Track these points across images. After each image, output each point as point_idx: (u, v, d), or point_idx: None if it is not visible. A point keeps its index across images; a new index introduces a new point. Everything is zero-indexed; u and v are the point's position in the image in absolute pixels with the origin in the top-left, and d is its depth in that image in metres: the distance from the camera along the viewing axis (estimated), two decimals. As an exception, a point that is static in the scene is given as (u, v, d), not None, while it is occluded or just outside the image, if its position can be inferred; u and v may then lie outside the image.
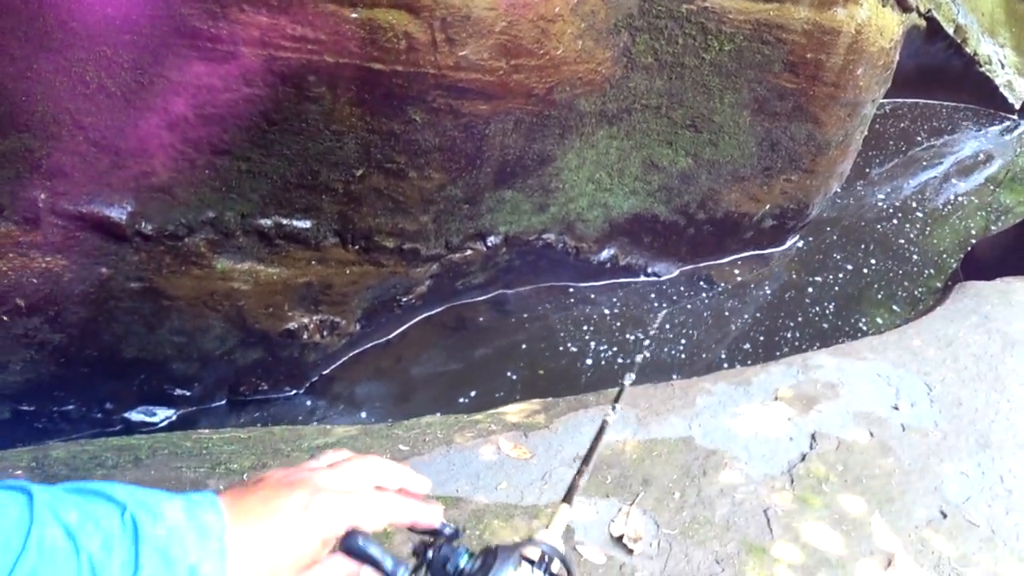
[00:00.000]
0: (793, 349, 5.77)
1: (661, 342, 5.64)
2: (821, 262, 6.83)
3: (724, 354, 5.66)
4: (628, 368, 3.60)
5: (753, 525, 3.08)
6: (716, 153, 5.49)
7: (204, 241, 4.03)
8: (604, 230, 5.56)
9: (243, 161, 3.86)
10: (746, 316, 6.04)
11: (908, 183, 8.33)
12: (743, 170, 5.67)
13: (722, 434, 3.54)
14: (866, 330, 6.14)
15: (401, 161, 4.18)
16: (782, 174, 5.85)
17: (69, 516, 0.76)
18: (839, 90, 5.46)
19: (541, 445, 3.48)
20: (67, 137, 3.47)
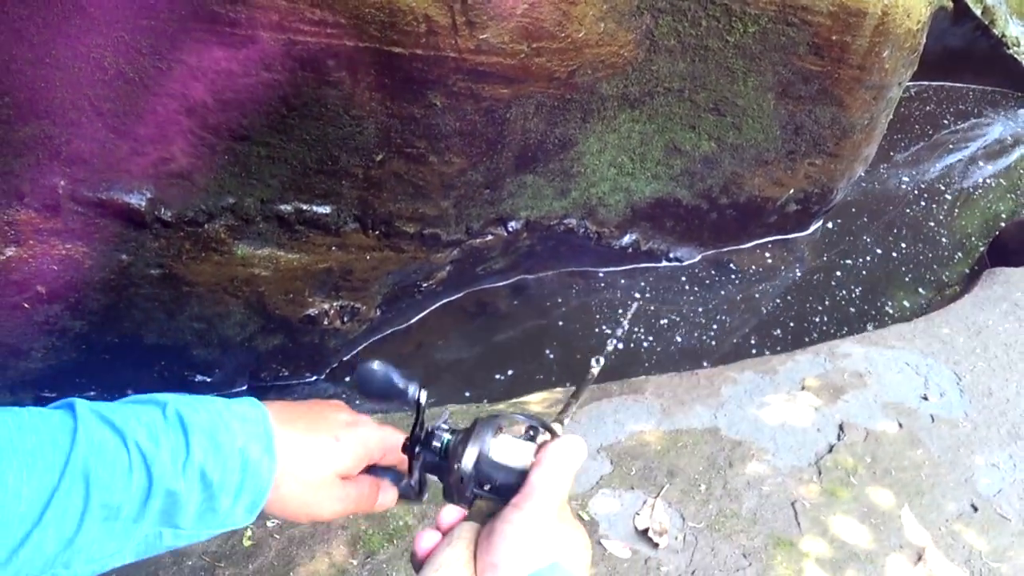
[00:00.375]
0: (819, 334, 5.65)
1: (686, 327, 5.57)
2: (845, 247, 6.69)
3: (749, 340, 5.55)
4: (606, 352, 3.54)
5: (780, 518, 3.02)
6: (739, 137, 5.38)
7: (224, 227, 3.97)
8: (626, 215, 5.47)
9: (262, 146, 3.79)
10: (770, 301, 5.94)
11: (933, 167, 8.15)
12: (767, 154, 5.56)
13: (748, 424, 3.47)
14: (892, 314, 6.03)
15: (421, 146, 4.10)
16: (806, 158, 5.73)
17: (113, 416, 0.80)
18: (865, 73, 5.34)
19: (565, 435, 3.42)
20: (86, 123, 3.42)
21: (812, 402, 3.66)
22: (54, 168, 3.45)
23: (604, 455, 3.34)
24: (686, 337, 5.49)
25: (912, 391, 3.82)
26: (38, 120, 3.33)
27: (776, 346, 5.53)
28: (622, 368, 5.14)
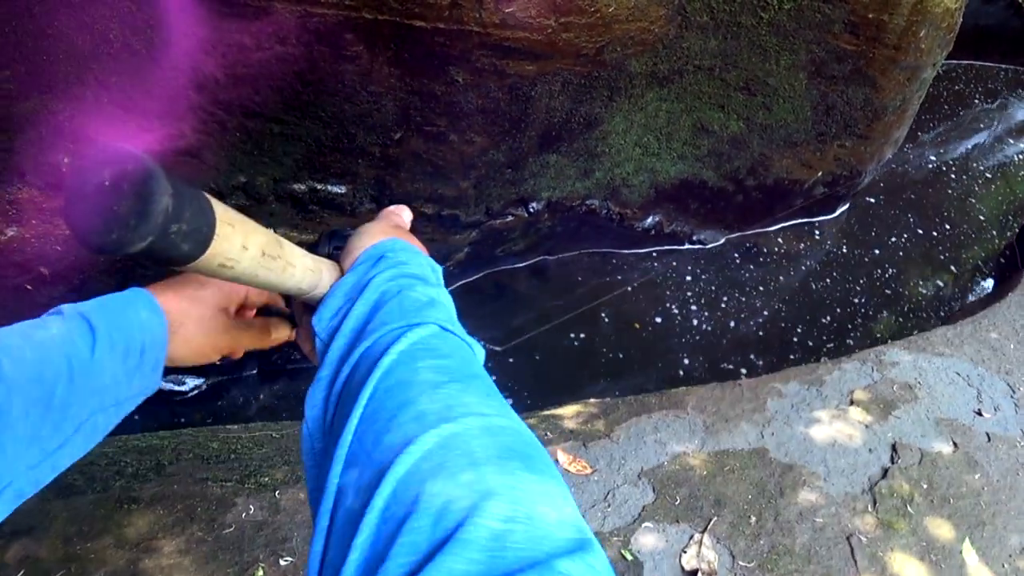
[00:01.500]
0: (846, 320, 5.47)
1: (710, 312, 5.37)
2: (871, 230, 6.36)
3: (775, 326, 5.32)
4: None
5: (836, 555, 2.76)
6: (769, 117, 5.12)
7: (235, 207, 3.72)
8: (649, 196, 5.23)
9: (276, 124, 3.58)
10: (795, 286, 5.68)
11: (961, 147, 7.77)
12: (796, 135, 5.30)
13: (797, 444, 3.21)
14: (924, 293, 5.85)
15: (442, 124, 3.87)
16: (836, 140, 5.47)
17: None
18: (900, 53, 5.06)
19: (602, 457, 3.14)
20: (91, 98, 3.19)
21: (862, 418, 3.39)
22: (57, 145, 3.25)
23: (646, 481, 3.08)
24: (710, 322, 5.25)
25: (965, 405, 3.54)
26: (40, 95, 3.11)
27: (803, 333, 5.32)
28: (649, 355, 4.96)
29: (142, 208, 0.58)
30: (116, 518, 2.66)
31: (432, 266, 0.99)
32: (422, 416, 0.63)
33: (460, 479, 0.56)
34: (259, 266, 0.77)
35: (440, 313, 0.84)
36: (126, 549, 2.54)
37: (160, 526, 2.66)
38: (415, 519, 0.53)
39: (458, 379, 0.71)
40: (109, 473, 2.91)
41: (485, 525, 0.52)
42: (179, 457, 3.09)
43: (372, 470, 0.60)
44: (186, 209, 0.63)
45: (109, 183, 0.59)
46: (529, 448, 0.64)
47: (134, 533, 2.61)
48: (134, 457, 3.07)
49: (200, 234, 0.66)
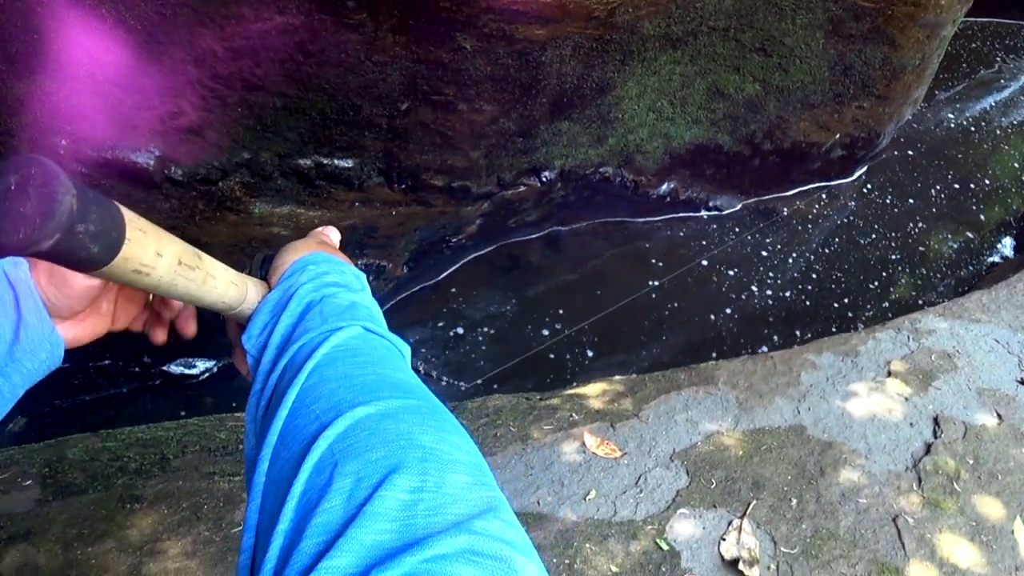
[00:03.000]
0: (868, 284, 5.31)
1: (728, 278, 5.21)
2: (891, 192, 6.12)
3: (795, 291, 5.18)
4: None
5: (883, 538, 2.58)
6: (786, 79, 4.92)
7: (239, 184, 3.62)
8: (664, 162, 5.04)
9: (278, 97, 3.41)
10: (814, 250, 5.51)
11: (980, 106, 7.50)
12: (813, 97, 5.10)
13: (835, 420, 3.02)
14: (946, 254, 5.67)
15: (450, 93, 3.70)
16: (854, 101, 5.27)
17: None
18: (920, 9, 4.83)
19: (631, 439, 2.96)
20: (86, 77, 3.06)
21: (901, 390, 3.19)
22: (54, 126, 3.10)
23: (679, 464, 2.89)
24: (729, 290, 5.11)
25: (1007, 374, 3.32)
26: (33, 75, 2.98)
27: (825, 299, 5.17)
28: (670, 325, 4.82)
29: (46, 207, 0.59)
30: (118, 519, 2.51)
31: (355, 274, 1.00)
32: (337, 404, 0.66)
33: (370, 456, 0.58)
34: (177, 275, 0.76)
35: (361, 314, 0.86)
36: (129, 553, 2.39)
37: (164, 526, 2.51)
38: (328, 499, 0.55)
39: (376, 371, 0.73)
40: (111, 470, 2.76)
41: (394, 497, 0.54)
42: (184, 450, 2.94)
43: (292, 462, 0.62)
44: (92, 210, 0.62)
45: (14, 188, 0.59)
46: (439, 421, 0.66)
47: (137, 535, 2.46)
48: (137, 451, 2.91)
49: (109, 237, 0.65)
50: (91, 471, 2.75)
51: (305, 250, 0.98)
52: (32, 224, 0.58)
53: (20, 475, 2.69)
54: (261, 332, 0.87)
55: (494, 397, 3.54)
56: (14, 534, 2.43)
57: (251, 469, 0.70)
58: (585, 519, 2.61)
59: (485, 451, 2.90)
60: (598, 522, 2.60)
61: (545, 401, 3.32)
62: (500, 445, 2.94)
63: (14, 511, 2.52)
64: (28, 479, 2.67)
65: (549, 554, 2.49)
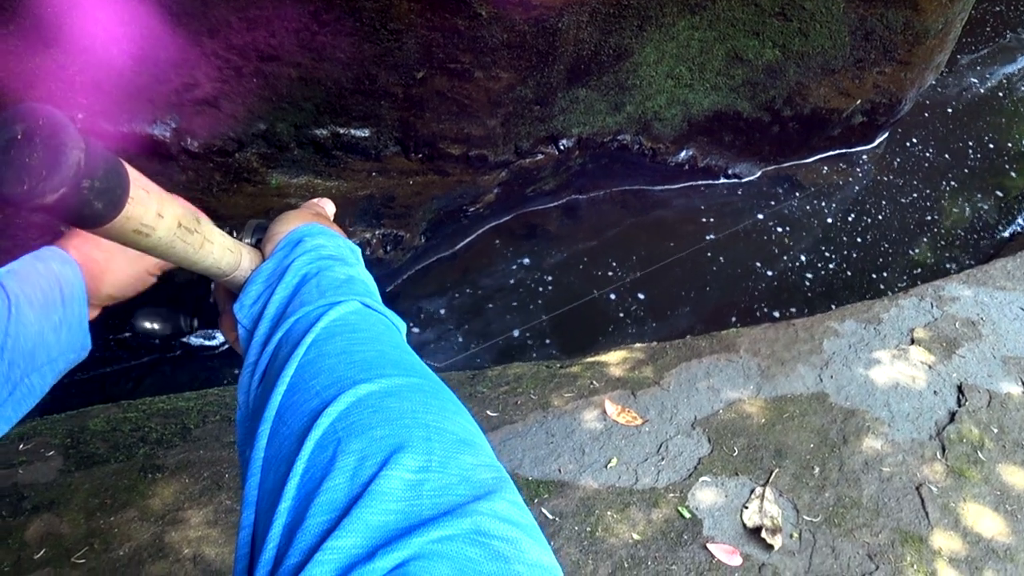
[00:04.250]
0: (888, 251, 5.23)
1: (748, 247, 5.15)
2: (912, 158, 6.02)
3: (815, 260, 5.12)
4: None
5: (906, 507, 2.55)
6: (806, 44, 4.83)
7: (256, 155, 3.59)
8: (682, 129, 4.97)
9: (294, 67, 3.37)
10: (835, 218, 5.42)
11: (1005, 70, 7.32)
12: (834, 62, 5.01)
13: (858, 387, 2.98)
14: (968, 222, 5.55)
15: (466, 61, 3.64)
16: (875, 66, 5.16)
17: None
18: (943, -30, 4.78)
19: (652, 407, 2.93)
20: (100, 50, 3.03)
21: (925, 358, 3.14)
22: (70, 100, 3.07)
23: (701, 431, 2.86)
24: (749, 256, 5.05)
25: None
26: (47, 49, 2.95)
27: (845, 267, 5.11)
28: (689, 293, 4.77)
29: (53, 159, 0.57)
30: (140, 488, 2.51)
31: (351, 247, 0.98)
32: (339, 381, 0.64)
33: (374, 434, 0.57)
34: (176, 238, 0.75)
35: (358, 288, 0.85)
36: (151, 522, 2.40)
37: (186, 495, 2.51)
38: (332, 478, 0.54)
39: (376, 348, 0.72)
40: (132, 440, 2.76)
41: (399, 476, 0.53)
42: (205, 420, 2.94)
43: (292, 438, 0.60)
44: (99, 166, 0.60)
45: (21, 136, 0.57)
46: (441, 400, 0.65)
47: (159, 504, 2.47)
48: (158, 421, 2.92)
49: (113, 194, 0.63)
50: (113, 441, 2.75)
51: (300, 221, 0.97)
52: (38, 176, 0.57)
53: (43, 446, 2.70)
54: (255, 302, 0.85)
55: (514, 365, 3.52)
56: (38, 504, 2.44)
57: (247, 443, 0.69)
58: (606, 487, 2.59)
59: (505, 418, 2.89)
60: (619, 490, 2.58)
61: (565, 369, 3.29)
62: (521, 413, 2.91)
63: (38, 481, 2.52)
64: (51, 450, 2.68)
65: (571, 521, 2.47)
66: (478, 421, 2.38)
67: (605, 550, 2.39)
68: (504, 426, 2.84)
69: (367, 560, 0.48)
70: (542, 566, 0.51)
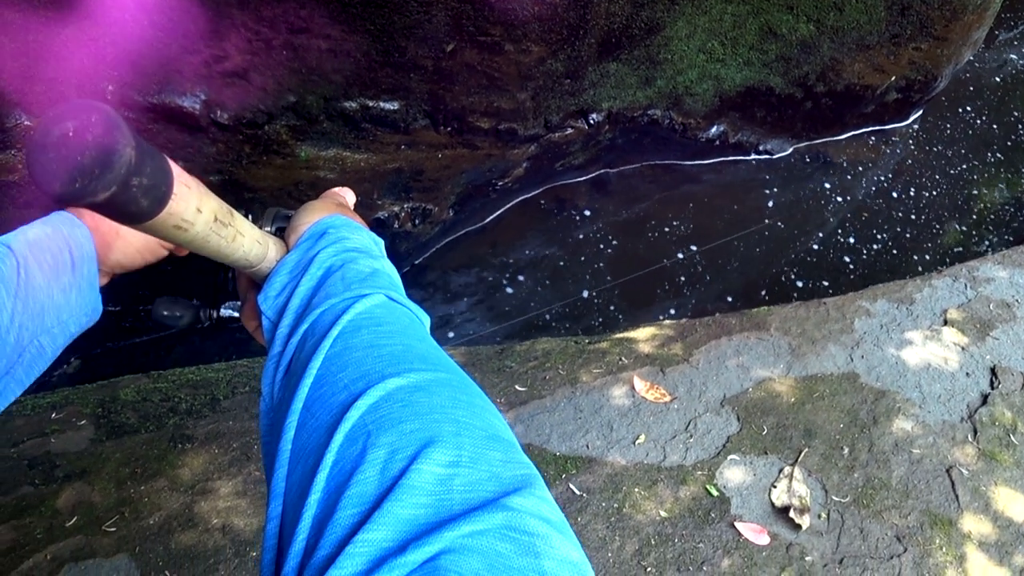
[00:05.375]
0: (921, 231, 5.14)
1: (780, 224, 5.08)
2: (947, 137, 5.89)
3: (847, 239, 5.05)
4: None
5: (936, 489, 2.51)
6: (841, 19, 4.73)
7: (285, 128, 3.57)
8: (714, 105, 4.90)
9: (323, 39, 3.34)
10: (867, 197, 5.32)
11: None
12: (869, 37, 4.91)
13: (889, 368, 2.94)
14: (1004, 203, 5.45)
15: (496, 33, 3.60)
16: (911, 42, 5.06)
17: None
18: (983, -58, 4.65)
19: (681, 384, 2.91)
20: (129, 22, 3.01)
21: (957, 339, 3.09)
22: (100, 72, 3.06)
23: (730, 409, 2.84)
24: (779, 235, 4.99)
25: None
26: (77, 20, 2.94)
27: (879, 245, 5.02)
28: (719, 270, 4.72)
29: (105, 158, 0.57)
30: (170, 458, 2.52)
31: (374, 239, 0.97)
32: (367, 374, 0.64)
33: (404, 428, 0.57)
34: (211, 231, 0.76)
35: (383, 282, 0.84)
36: (181, 491, 2.41)
37: (216, 466, 2.51)
38: (362, 471, 0.54)
39: (402, 342, 0.72)
40: (163, 410, 2.78)
41: (430, 471, 0.53)
42: (234, 391, 2.95)
43: (321, 431, 0.60)
44: (147, 164, 0.60)
45: (72, 134, 0.57)
46: (470, 396, 0.65)
47: (189, 474, 2.48)
48: (188, 392, 2.93)
49: (159, 191, 0.64)
50: (143, 411, 2.76)
51: (324, 211, 0.96)
52: (90, 175, 0.56)
53: (75, 415, 2.71)
54: (279, 294, 0.85)
55: (542, 340, 3.49)
56: (70, 472, 2.45)
57: (274, 435, 0.69)
58: (634, 463, 2.57)
59: (534, 393, 2.87)
60: (647, 467, 2.56)
61: (594, 345, 3.26)
62: (549, 388, 2.89)
63: (69, 450, 2.54)
64: (83, 419, 2.69)
65: (598, 498, 2.46)
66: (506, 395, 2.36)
67: (632, 527, 2.37)
68: (532, 401, 2.82)
69: (398, 554, 0.47)
70: (572, 562, 0.51)
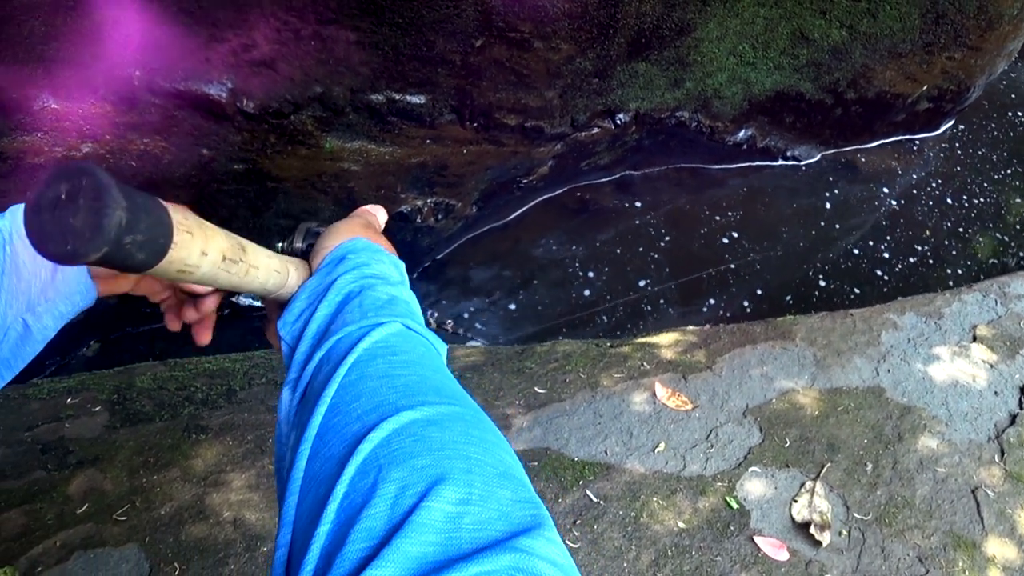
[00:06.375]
0: (948, 244, 5.06)
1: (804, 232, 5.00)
2: (978, 148, 5.81)
3: (873, 249, 4.96)
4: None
5: (960, 510, 2.45)
6: (874, 25, 4.65)
7: (311, 119, 3.54)
8: (742, 108, 4.83)
9: (352, 31, 3.31)
10: (894, 207, 5.24)
11: None
12: (902, 45, 4.82)
13: (916, 384, 2.88)
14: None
15: (525, 30, 3.55)
16: (944, 51, 4.97)
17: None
18: (1021, -48, 4.56)
19: (704, 392, 2.86)
20: (158, 9, 2.98)
21: (986, 357, 3.03)
22: (127, 58, 3.04)
23: (751, 420, 2.78)
24: (805, 241, 4.92)
25: None
26: (107, 7, 2.91)
27: (906, 257, 4.95)
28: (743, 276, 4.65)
29: (96, 221, 0.58)
30: (183, 448, 2.49)
31: (395, 263, 0.96)
32: (381, 405, 0.64)
33: (415, 464, 0.57)
34: (220, 271, 0.75)
35: (400, 309, 0.84)
36: (193, 483, 2.38)
37: (229, 458, 2.48)
38: (373, 505, 0.54)
39: (417, 372, 0.71)
40: (178, 399, 2.75)
41: (439, 508, 0.53)
42: (251, 382, 2.91)
43: (333, 461, 0.60)
44: (141, 221, 0.61)
45: (65, 197, 0.59)
46: (482, 431, 0.64)
47: (201, 465, 2.44)
48: (204, 381, 2.90)
49: (156, 244, 0.64)
50: (158, 400, 2.73)
51: (348, 234, 0.96)
52: (81, 238, 0.58)
53: (90, 401, 2.69)
54: (297, 319, 0.85)
55: (563, 342, 3.44)
56: (83, 459, 2.43)
57: (287, 461, 0.68)
58: (653, 472, 2.52)
59: (553, 396, 2.82)
60: (666, 476, 2.51)
61: (615, 348, 3.21)
62: (569, 391, 2.85)
63: (83, 436, 2.52)
64: (98, 405, 2.67)
65: (615, 505, 2.41)
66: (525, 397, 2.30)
67: (649, 537, 2.32)
68: (552, 404, 2.78)
69: None
70: None
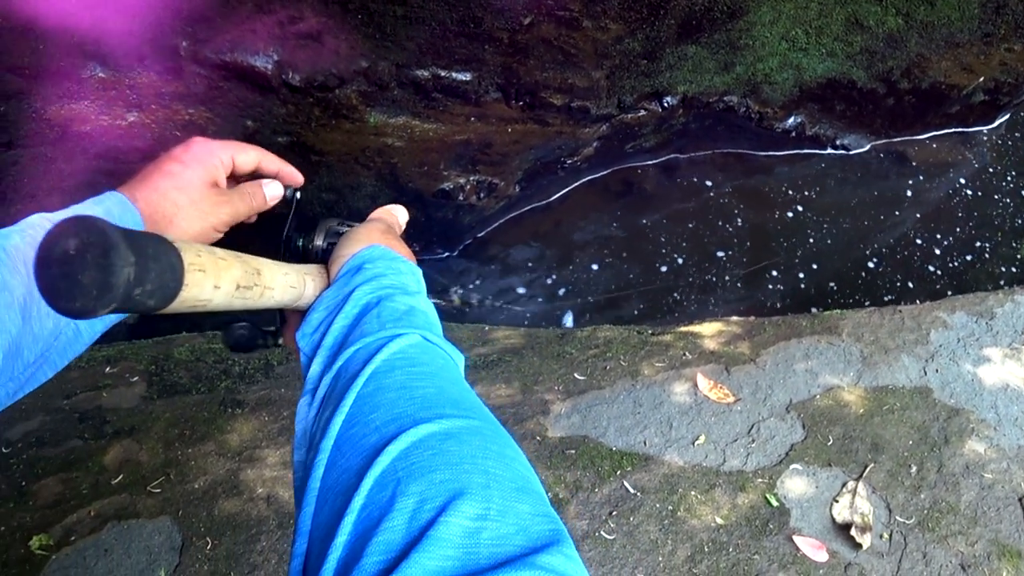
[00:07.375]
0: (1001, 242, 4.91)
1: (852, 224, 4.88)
2: None
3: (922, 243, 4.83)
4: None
5: (1006, 518, 2.37)
6: (932, 13, 4.50)
7: (356, 93, 3.49)
8: (792, 95, 4.70)
9: (399, 5, 3.25)
10: (945, 201, 5.11)
11: None
12: (959, 35, 4.66)
13: (964, 385, 2.80)
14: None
15: (575, 8, 3.47)
16: (1004, 42, 4.79)
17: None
18: (1092, -61, 4.38)
19: (746, 385, 2.79)
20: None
21: (1039, 360, 3.00)
22: (174, 28, 3.01)
23: (795, 416, 2.71)
24: (854, 233, 4.80)
25: None
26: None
27: (957, 253, 4.81)
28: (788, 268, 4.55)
29: (103, 279, 0.58)
30: (219, 423, 2.47)
31: (413, 271, 0.96)
32: (399, 417, 0.64)
33: (434, 478, 0.56)
34: (233, 298, 0.76)
35: (419, 321, 0.84)
36: (228, 457, 2.35)
37: (264, 433, 2.46)
38: (390, 518, 0.53)
39: (435, 384, 0.71)
40: (215, 372, 2.73)
41: (458, 523, 0.52)
42: (289, 357, 2.89)
43: (351, 473, 0.60)
44: (151, 270, 0.62)
45: (73, 252, 0.59)
46: (500, 445, 0.64)
47: (237, 440, 2.42)
48: (242, 355, 2.90)
49: (167, 289, 0.65)
50: (196, 372, 2.72)
51: (366, 241, 0.97)
52: (89, 296, 0.58)
53: (128, 371, 2.68)
54: (315, 331, 0.85)
55: (604, 328, 3.38)
56: (119, 429, 2.42)
57: (304, 472, 0.69)
58: (692, 465, 2.47)
59: (593, 383, 2.77)
60: (706, 469, 2.45)
61: (657, 337, 3.15)
62: (609, 379, 2.79)
63: (120, 406, 2.51)
64: (135, 375, 2.66)
65: (652, 498, 2.35)
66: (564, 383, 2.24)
67: (686, 531, 2.27)
68: (591, 391, 2.72)
69: None
70: None
